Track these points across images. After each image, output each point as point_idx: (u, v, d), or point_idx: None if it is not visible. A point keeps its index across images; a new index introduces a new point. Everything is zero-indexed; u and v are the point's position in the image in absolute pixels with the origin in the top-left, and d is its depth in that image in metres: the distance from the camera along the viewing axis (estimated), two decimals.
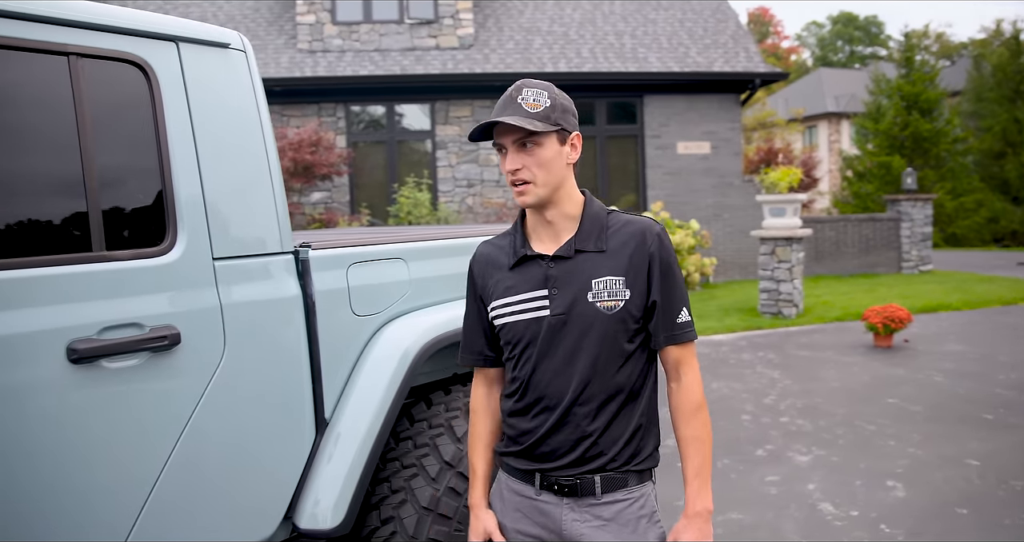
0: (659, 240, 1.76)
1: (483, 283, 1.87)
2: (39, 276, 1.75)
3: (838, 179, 26.53)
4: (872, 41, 51.32)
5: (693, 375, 1.79)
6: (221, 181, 2.08)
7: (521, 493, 1.83)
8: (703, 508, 1.74)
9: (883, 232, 14.91)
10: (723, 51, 14.12)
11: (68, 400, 1.76)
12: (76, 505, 1.78)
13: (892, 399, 6.19)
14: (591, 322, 1.73)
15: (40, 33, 1.79)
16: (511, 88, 1.73)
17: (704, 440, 1.77)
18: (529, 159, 1.71)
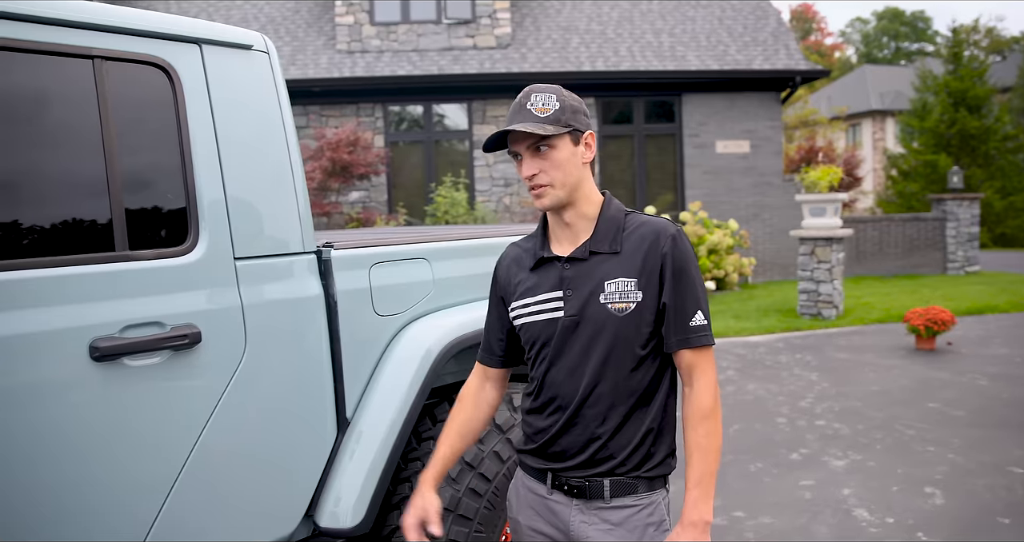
0: (673, 241, 1.74)
1: (506, 284, 1.89)
2: (62, 275, 1.78)
3: (882, 178, 26.05)
4: (919, 37, 50.28)
5: (706, 381, 1.75)
6: (243, 181, 2.10)
7: (535, 491, 1.85)
8: (699, 518, 1.69)
9: (927, 232, 14.60)
10: (763, 48, 13.94)
11: (90, 397, 1.79)
12: (97, 501, 1.81)
13: (933, 403, 6.06)
14: (603, 324, 1.73)
15: (65, 37, 1.82)
16: (520, 95, 1.75)
17: (708, 449, 1.72)
18: (545, 163, 1.72)
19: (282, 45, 13.82)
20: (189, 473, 1.94)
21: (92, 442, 1.80)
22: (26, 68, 1.78)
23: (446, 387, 2.78)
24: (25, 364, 1.70)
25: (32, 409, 1.71)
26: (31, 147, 1.79)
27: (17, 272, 1.72)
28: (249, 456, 2.07)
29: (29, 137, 1.79)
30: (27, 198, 1.78)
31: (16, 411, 1.69)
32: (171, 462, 1.92)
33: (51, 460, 1.74)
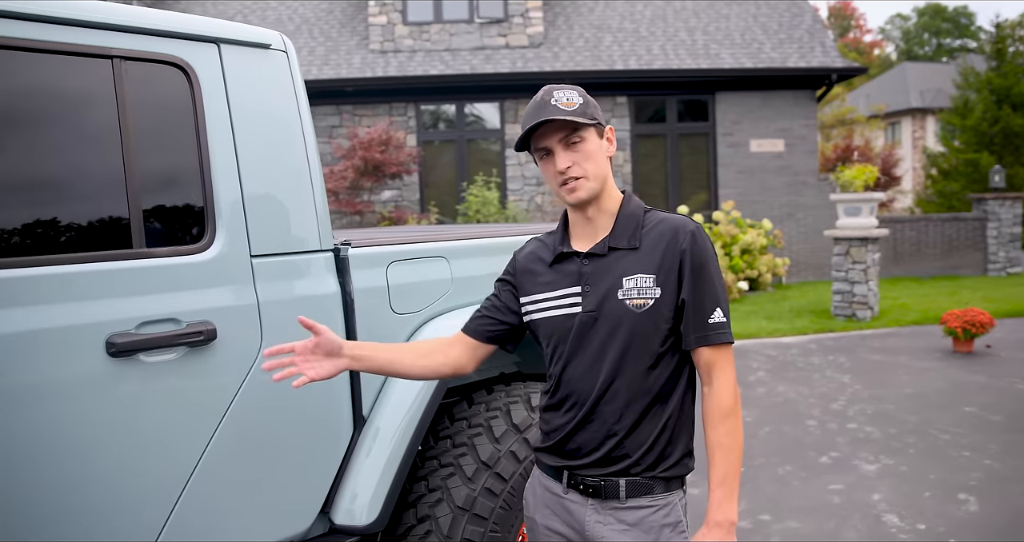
0: (692, 238, 1.73)
1: (522, 275, 1.89)
2: (80, 272, 1.80)
3: (922, 177, 25.59)
4: (961, 33, 49.29)
5: (725, 379, 1.73)
6: (260, 180, 2.12)
7: (551, 490, 1.84)
8: (725, 519, 1.68)
9: (968, 232, 14.30)
10: (798, 46, 13.76)
11: (106, 392, 1.81)
12: (112, 497, 1.83)
13: (969, 407, 5.93)
14: (620, 320, 1.72)
15: (84, 37, 1.85)
16: (539, 94, 1.75)
17: (730, 448, 1.70)
18: (577, 155, 1.73)
19: (316, 45, 13.94)
20: (204, 469, 1.96)
21: (108, 437, 1.82)
22: (46, 68, 1.80)
23: (464, 386, 2.78)
24: (43, 359, 1.73)
25: (49, 403, 1.74)
26: (50, 146, 1.81)
27: (35, 269, 1.74)
28: (264, 453, 2.08)
29: (48, 136, 1.81)
30: (46, 196, 1.81)
31: (33, 405, 1.72)
32: (186, 457, 1.94)
33: (67, 455, 1.76)
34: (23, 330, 1.71)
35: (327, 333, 1.74)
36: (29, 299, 1.73)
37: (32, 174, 1.80)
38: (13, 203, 1.76)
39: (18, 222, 1.76)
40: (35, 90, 1.80)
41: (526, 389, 2.62)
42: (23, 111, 1.79)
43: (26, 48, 1.77)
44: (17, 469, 1.70)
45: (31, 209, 1.78)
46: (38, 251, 1.77)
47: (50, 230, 1.80)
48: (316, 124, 13.50)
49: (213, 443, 1.97)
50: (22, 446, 1.71)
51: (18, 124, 1.78)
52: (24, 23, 1.76)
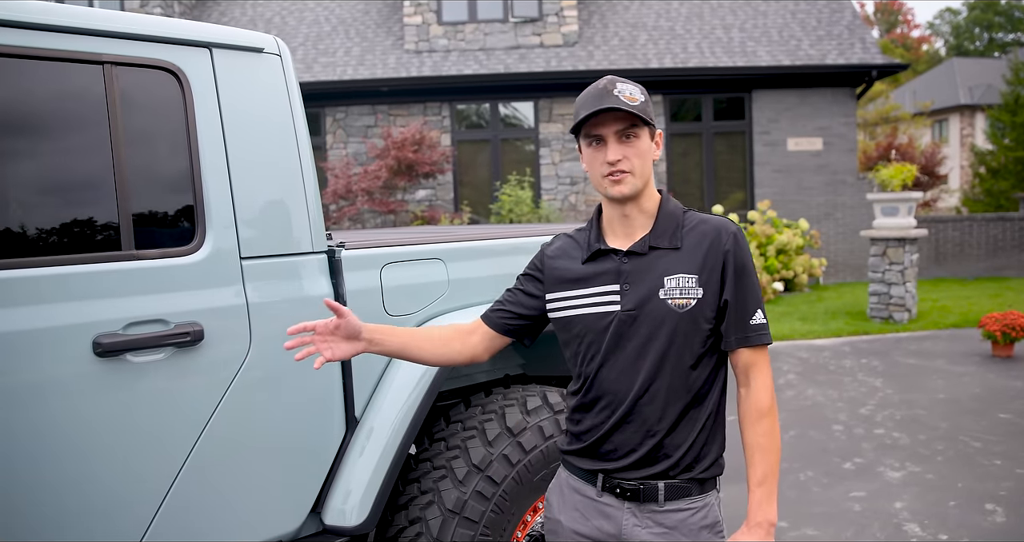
0: (734, 239, 1.74)
1: (550, 271, 1.87)
2: (68, 273, 1.84)
3: (970, 176, 24.98)
4: (1014, 27, 47.98)
5: (763, 380, 1.74)
6: (252, 183, 2.14)
7: (581, 492, 1.82)
8: (764, 519, 1.69)
9: (1014, 232, 13.92)
10: (837, 42, 13.51)
11: (93, 392, 1.84)
12: (98, 498, 1.86)
13: (1005, 414, 5.77)
14: (662, 320, 1.71)
15: (75, 44, 1.88)
16: (602, 82, 1.74)
17: (769, 449, 1.71)
18: (630, 150, 1.73)
19: (352, 46, 14.06)
20: (192, 468, 1.98)
21: (94, 437, 1.85)
22: (38, 74, 1.84)
23: (462, 389, 2.78)
24: (29, 359, 1.77)
25: (36, 404, 1.77)
26: (41, 150, 1.85)
27: (23, 270, 1.78)
28: (254, 453, 2.10)
29: (40, 140, 1.85)
30: (36, 198, 1.85)
31: (20, 405, 1.76)
32: (173, 457, 1.96)
33: (53, 455, 1.80)
34: (10, 330, 1.74)
35: (350, 316, 1.75)
36: (16, 299, 1.77)
37: (23, 177, 1.83)
38: (5, 205, 1.80)
39: (8, 223, 1.80)
40: (27, 95, 1.84)
41: (523, 392, 2.61)
42: (14, 116, 1.83)
43: (18, 55, 1.80)
44: (2, 469, 1.74)
45: (21, 211, 1.82)
46: (27, 252, 1.80)
47: (39, 231, 1.84)
48: (351, 124, 13.63)
49: (201, 443, 2.00)
50: (8, 446, 1.74)
51: (9, 128, 1.82)
52: (15, 30, 1.79)
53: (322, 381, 2.23)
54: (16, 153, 1.82)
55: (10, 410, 1.74)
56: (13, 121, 1.82)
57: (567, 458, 1.87)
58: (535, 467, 2.44)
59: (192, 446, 1.99)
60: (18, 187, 1.83)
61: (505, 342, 1.94)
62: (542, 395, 2.59)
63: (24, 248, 1.81)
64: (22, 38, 1.80)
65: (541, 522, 2.58)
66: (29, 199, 1.84)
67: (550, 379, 3.15)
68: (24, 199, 1.83)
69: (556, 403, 2.57)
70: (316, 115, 13.67)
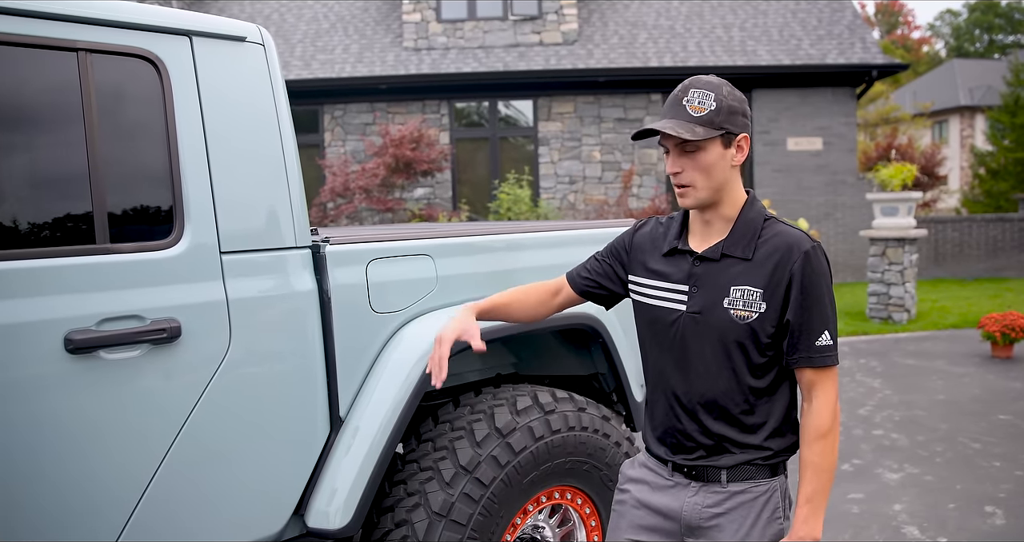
0: (805, 257, 1.70)
1: (636, 253, 1.91)
2: (39, 267, 1.78)
3: (970, 177, 24.92)
4: (1015, 29, 47.91)
5: (825, 399, 1.72)
6: (233, 176, 2.07)
7: (656, 470, 1.88)
8: (807, 534, 1.69)
9: (1014, 233, 13.86)
10: (837, 42, 13.45)
11: (65, 389, 1.78)
12: (71, 497, 1.80)
13: (1004, 415, 5.71)
14: (723, 328, 1.72)
15: (49, 30, 1.82)
16: (681, 85, 1.73)
17: (822, 468, 1.71)
18: (689, 163, 1.71)
19: (350, 43, 14.00)
20: (169, 468, 1.92)
21: (67, 435, 1.79)
22: (9, 61, 1.78)
23: (452, 388, 2.72)
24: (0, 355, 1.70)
25: (5, 402, 1.71)
26: (13, 140, 1.79)
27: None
28: (234, 453, 2.04)
29: (11, 130, 1.79)
30: (7, 189, 1.78)
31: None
32: (149, 457, 1.90)
33: (23, 455, 1.74)
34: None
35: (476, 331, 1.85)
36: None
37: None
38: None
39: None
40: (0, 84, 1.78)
41: (513, 392, 2.55)
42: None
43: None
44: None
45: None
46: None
47: (10, 224, 1.78)
48: (350, 121, 13.57)
49: (178, 443, 1.94)
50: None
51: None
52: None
53: (305, 379, 2.17)
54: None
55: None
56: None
57: (645, 439, 1.93)
58: (525, 469, 2.38)
59: (169, 446, 1.93)
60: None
61: (581, 302, 2.04)
62: (532, 395, 2.53)
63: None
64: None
65: (532, 525, 2.52)
66: (3, 191, 1.78)
67: (542, 379, 3.09)
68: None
69: (547, 403, 2.52)
70: (314, 112, 13.61)
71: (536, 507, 2.52)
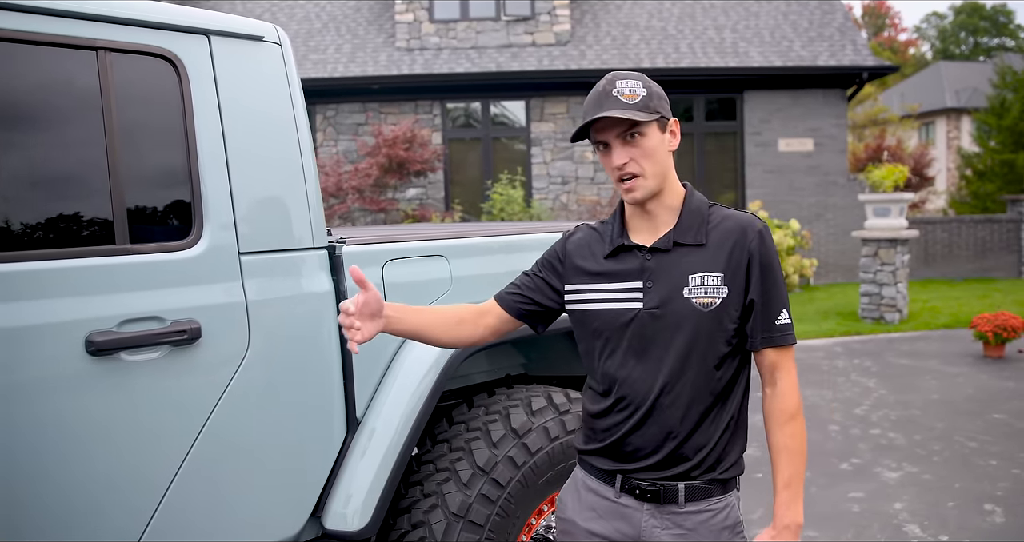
0: (760, 237, 1.69)
1: (570, 262, 1.81)
2: (60, 268, 1.76)
3: (956, 178, 25.09)
4: (999, 32, 48.30)
5: (789, 381, 1.71)
6: (251, 175, 2.07)
7: (599, 493, 1.78)
8: (792, 521, 1.66)
9: (1001, 234, 13.98)
10: (829, 44, 13.52)
11: (86, 391, 1.77)
12: (90, 499, 1.79)
13: (999, 414, 5.76)
14: (686, 319, 1.67)
15: (69, 28, 1.80)
16: (602, 82, 1.69)
17: (795, 450, 1.69)
18: (636, 151, 1.67)
19: (343, 43, 13.96)
20: (188, 470, 1.91)
21: (88, 437, 1.78)
22: (29, 60, 1.77)
23: (464, 389, 2.71)
24: (20, 358, 1.69)
25: (26, 403, 1.70)
26: (33, 140, 1.78)
27: (14, 264, 1.70)
28: (252, 455, 2.03)
29: (31, 130, 1.78)
30: (27, 191, 1.77)
31: (11, 404, 1.68)
32: (169, 459, 1.89)
33: (46, 457, 1.72)
34: (1, 327, 1.67)
35: (372, 289, 1.63)
36: (7, 295, 1.69)
37: (13, 168, 1.76)
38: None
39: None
40: (17, 82, 1.76)
41: (527, 392, 2.55)
42: (5, 104, 1.75)
43: (8, 39, 1.73)
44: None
45: (11, 204, 1.74)
46: (17, 247, 1.73)
47: (31, 225, 1.76)
48: (342, 121, 13.53)
49: (198, 444, 1.93)
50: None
51: (0, 117, 1.74)
52: (5, 13, 1.72)
53: (322, 380, 2.16)
54: (7, 143, 1.74)
55: (3, 409, 1.66)
56: (4, 109, 1.74)
57: (584, 457, 1.82)
58: (541, 469, 2.38)
59: (188, 448, 1.91)
60: (9, 179, 1.75)
61: (516, 326, 1.88)
62: (547, 395, 2.53)
63: (15, 242, 1.73)
64: (13, 21, 1.73)
65: (546, 525, 2.52)
66: (21, 191, 1.76)
67: (551, 379, 3.09)
68: (16, 191, 1.75)
69: (561, 404, 2.52)
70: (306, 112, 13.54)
71: (551, 508, 2.52)
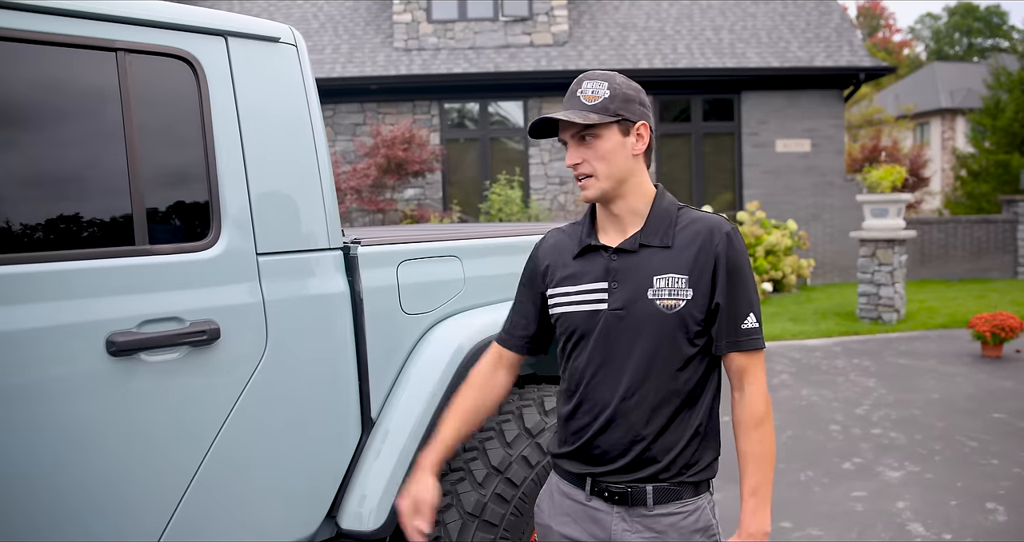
0: (727, 239, 1.67)
1: (544, 268, 1.82)
2: (80, 269, 1.77)
3: (950, 179, 25.18)
4: (993, 33, 48.47)
5: (757, 386, 1.68)
6: (268, 176, 2.07)
7: (571, 496, 1.77)
8: (758, 529, 1.64)
9: (997, 234, 14.04)
10: (825, 45, 13.57)
11: (107, 392, 1.77)
12: (110, 499, 1.79)
13: (999, 414, 5.79)
14: (649, 320, 1.65)
15: (88, 30, 1.81)
16: (574, 82, 1.71)
17: (763, 457, 1.66)
18: (589, 152, 1.67)
19: (340, 43, 13.96)
20: (207, 471, 1.92)
21: (108, 437, 1.78)
22: (49, 61, 1.77)
23: None
24: (42, 358, 1.70)
25: (49, 403, 1.70)
26: (53, 140, 1.78)
27: (35, 265, 1.71)
28: (270, 455, 2.04)
29: (51, 130, 1.78)
30: (47, 191, 1.78)
31: (33, 404, 1.69)
32: (188, 459, 1.90)
33: (66, 455, 1.73)
34: (22, 328, 1.67)
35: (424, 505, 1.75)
36: (28, 296, 1.70)
37: (34, 169, 1.77)
38: (14, 198, 1.73)
39: (18, 218, 1.73)
40: (38, 83, 1.77)
41: (539, 392, 2.56)
42: (25, 104, 1.76)
43: (30, 40, 1.74)
44: (16, 468, 1.67)
45: (32, 204, 1.75)
46: (38, 247, 1.74)
47: (51, 226, 1.77)
48: (340, 122, 13.52)
49: (216, 444, 1.93)
50: (21, 445, 1.67)
51: (20, 118, 1.75)
52: (27, 15, 1.73)
53: (338, 381, 2.17)
54: (29, 144, 1.75)
55: (23, 410, 1.67)
56: (25, 110, 1.75)
57: (556, 461, 1.81)
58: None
59: (207, 449, 1.92)
60: (30, 179, 1.76)
61: (535, 353, 1.92)
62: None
63: (37, 243, 1.74)
64: (36, 23, 1.73)
65: None
66: (41, 192, 1.77)
67: (559, 379, 3.09)
68: (36, 192, 1.76)
69: None
70: None
71: None
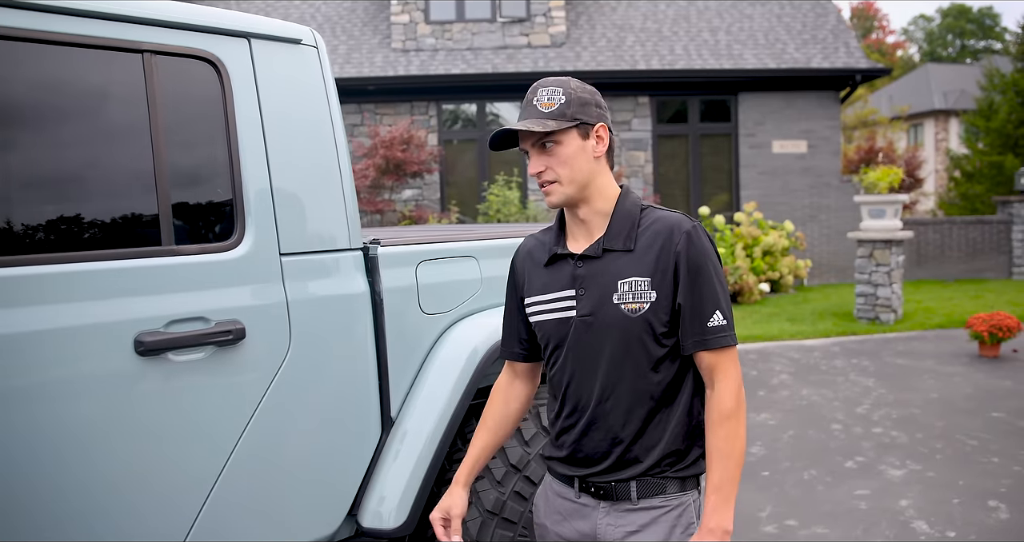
0: (687, 238, 1.66)
1: (522, 277, 1.85)
2: (108, 269, 1.78)
3: (944, 180, 25.29)
4: (986, 34, 48.71)
5: (727, 383, 1.66)
6: (290, 177, 2.09)
7: (563, 495, 1.81)
8: (717, 526, 1.61)
9: (992, 235, 14.11)
10: (822, 46, 13.63)
11: (135, 391, 1.79)
12: (138, 498, 1.81)
13: (997, 413, 5.83)
14: (616, 324, 1.67)
15: (115, 31, 1.83)
16: (529, 91, 1.72)
17: (728, 453, 1.64)
18: (551, 159, 1.68)
19: (338, 44, 13.96)
20: (232, 469, 1.94)
21: (136, 436, 1.80)
22: (76, 62, 1.79)
23: (488, 388, 2.73)
24: (71, 357, 1.71)
25: (77, 402, 1.72)
26: (79, 141, 1.80)
27: (62, 266, 1.73)
28: (292, 454, 2.06)
29: (78, 131, 1.80)
30: (74, 192, 1.79)
31: (61, 403, 1.70)
32: (214, 458, 1.91)
33: (95, 453, 1.75)
34: (51, 327, 1.69)
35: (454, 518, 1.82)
36: (57, 296, 1.71)
37: (61, 169, 1.78)
38: (42, 199, 1.75)
39: (47, 218, 1.75)
40: (65, 84, 1.79)
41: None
42: (52, 105, 1.77)
43: (56, 42, 1.75)
44: (45, 466, 1.69)
45: (60, 205, 1.77)
46: (66, 248, 1.75)
47: (78, 227, 1.78)
48: None
49: (241, 443, 1.95)
50: (50, 444, 1.69)
51: (47, 119, 1.76)
52: (54, 16, 1.74)
53: (358, 380, 2.19)
54: (58, 145, 1.76)
55: (54, 409, 1.69)
56: (52, 111, 1.77)
57: (549, 463, 1.85)
58: None
59: (232, 448, 1.94)
60: (57, 180, 1.77)
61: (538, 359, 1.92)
62: None
63: (63, 243, 1.75)
64: (62, 25, 1.75)
65: None
66: (68, 193, 1.79)
67: None
68: (63, 193, 1.78)
69: None
70: None
71: None
